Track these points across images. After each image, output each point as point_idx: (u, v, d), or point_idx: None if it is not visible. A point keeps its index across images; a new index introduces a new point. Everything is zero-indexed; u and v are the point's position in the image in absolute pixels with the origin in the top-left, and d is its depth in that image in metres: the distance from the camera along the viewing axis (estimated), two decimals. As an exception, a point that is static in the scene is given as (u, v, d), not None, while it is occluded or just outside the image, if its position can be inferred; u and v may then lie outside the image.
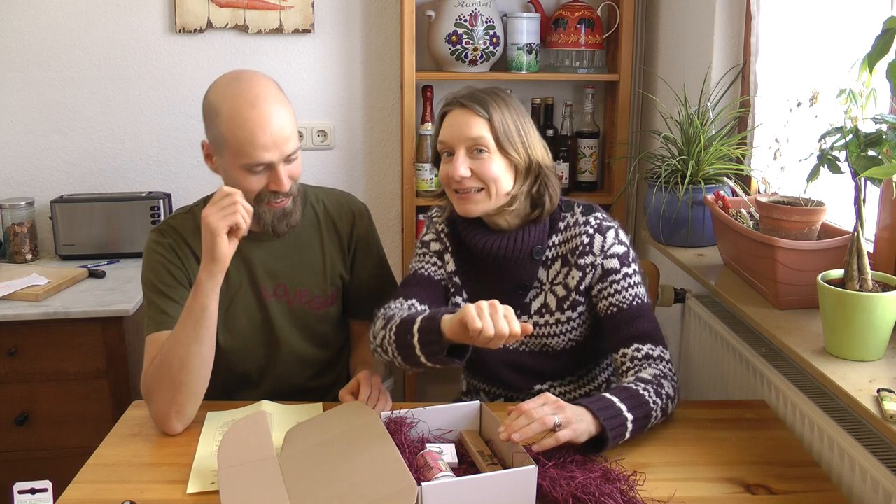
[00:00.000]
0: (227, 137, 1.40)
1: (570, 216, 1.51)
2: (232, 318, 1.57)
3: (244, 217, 1.34)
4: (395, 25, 2.57)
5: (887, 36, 1.09)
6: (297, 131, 1.47)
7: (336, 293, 1.64)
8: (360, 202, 1.71)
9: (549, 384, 1.57)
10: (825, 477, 1.27)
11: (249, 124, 1.38)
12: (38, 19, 2.47)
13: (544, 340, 1.52)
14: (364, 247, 1.66)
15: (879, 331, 1.25)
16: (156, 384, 1.39)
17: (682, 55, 2.29)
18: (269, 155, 1.40)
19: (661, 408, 1.34)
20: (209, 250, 1.34)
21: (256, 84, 1.43)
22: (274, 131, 1.40)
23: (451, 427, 1.31)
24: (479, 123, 1.42)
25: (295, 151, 1.46)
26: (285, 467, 1.22)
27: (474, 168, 1.42)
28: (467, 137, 1.43)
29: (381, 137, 2.69)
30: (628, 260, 1.47)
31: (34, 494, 1.15)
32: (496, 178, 1.43)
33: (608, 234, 1.48)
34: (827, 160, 1.27)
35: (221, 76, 1.48)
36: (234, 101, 1.40)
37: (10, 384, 2.12)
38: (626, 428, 1.27)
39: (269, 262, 1.58)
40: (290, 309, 1.60)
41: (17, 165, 2.56)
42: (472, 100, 1.44)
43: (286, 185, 1.45)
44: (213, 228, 1.33)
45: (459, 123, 1.44)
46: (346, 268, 1.65)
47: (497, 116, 1.43)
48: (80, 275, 2.29)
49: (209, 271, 1.36)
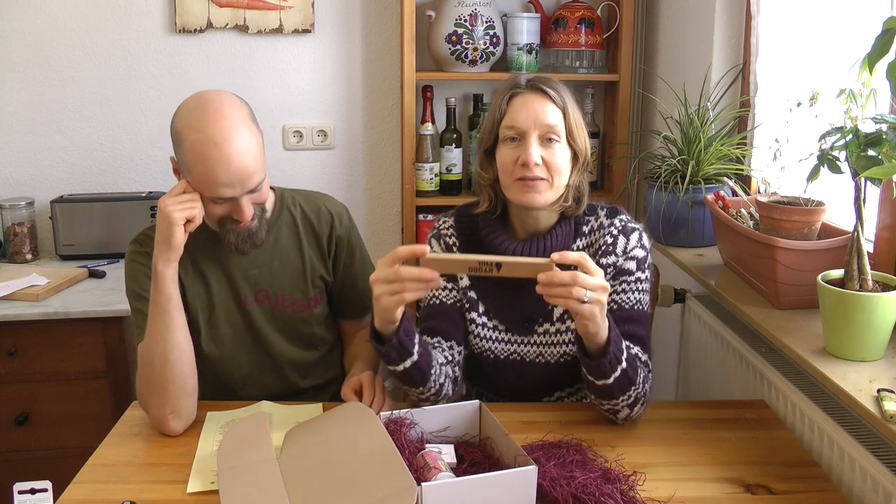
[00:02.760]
0: (189, 168, 1.40)
1: (594, 219, 1.49)
2: (214, 327, 1.57)
3: (201, 212, 1.40)
4: (395, 25, 2.57)
5: (887, 36, 1.09)
6: (264, 161, 1.45)
7: (319, 294, 1.64)
8: (338, 203, 1.69)
9: (558, 395, 1.55)
10: (825, 477, 1.27)
11: (211, 163, 1.37)
12: (38, 19, 2.47)
13: (564, 348, 1.48)
14: (345, 247, 1.65)
15: (879, 331, 1.25)
16: (146, 389, 1.40)
17: (682, 55, 2.29)
18: (230, 192, 1.41)
19: (636, 396, 1.34)
20: (166, 239, 1.38)
21: (222, 117, 1.39)
22: (236, 170, 1.38)
23: (450, 427, 1.31)
24: (555, 111, 1.39)
25: (259, 183, 1.44)
26: (285, 467, 1.22)
27: (544, 156, 1.38)
28: (543, 124, 1.38)
29: (381, 137, 2.68)
30: (644, 265, 1.46)
31: (34, 494, 1.15)
32: (562, 169, 1.39)
33: (632, 236, 1.46)
34: (827, 160, 1.27)
35: (189, 98, 1.45)
36: (199, 134, 1.37)
37: (10, 384, 2.12)
38: (614, 370, 1.28)
39: (249, 268, 1.58)
40: (272, 313, 1.60)
41: (17, 165, 2.55)
42: (543, 83, 1.40)
43: (248, 215, 1.45)
44: (174, 219, 1.37)
45: (536, 108, 1.38)
46: (328, 269, 1.64)
47: (570, 105, 1.41)
48: (80, 275, 2.29)
49: (165, 259, 1.39)
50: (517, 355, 1.49)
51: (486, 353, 1.50)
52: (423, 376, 1.35)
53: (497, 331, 1.49)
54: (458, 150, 2.52)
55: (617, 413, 1.36)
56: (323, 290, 1.64)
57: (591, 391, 1.35)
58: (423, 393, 1.38)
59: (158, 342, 1.39)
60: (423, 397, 1.39)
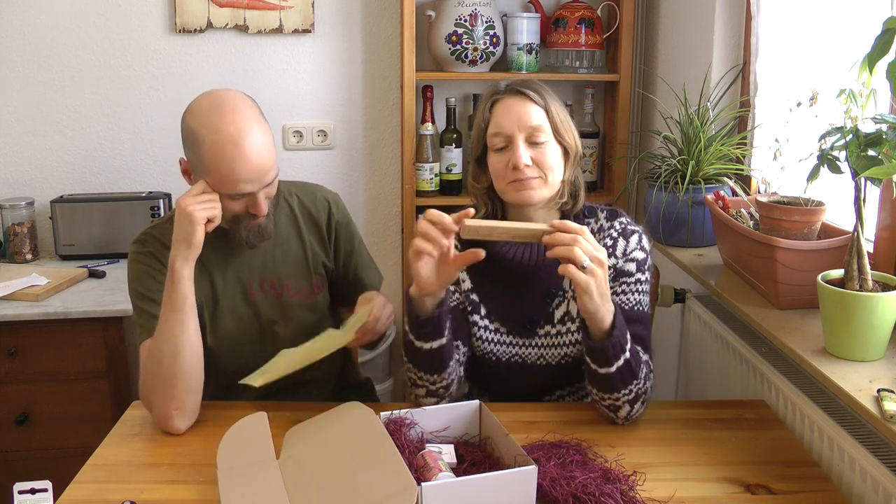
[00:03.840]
0: (208, 168, 1.41)
1: (594, 222, 1.49)
2: (218, 321, 1.58)
3: (220, 211, 1.42)
4: (395, 25, 2.57)
5: (887, 36, 1.09)
6: (275, 154, 1.48)
7: (321, 282, 1.66)
8: (331, 191, 1.72)
9: (559, 393, 1.56)
10: (825, 477, 1.27)
11: (233, 162, 1.39)
12: (38, 19, 2.47)
13: (565, 350, 1.48)
14: (344, 232, 1.68)
15: (879, 331, 1.25)
16: (152, 384, 1.40)
17: (682, 55, 2.29)
18: (249, 187, 1.43)
19: (637, 392, 1.34)
20: (186, 238, 1.39)
21: (239, 116, 1.41)
22: (255, 167, 1.41)
23: (450, 427, 1.31)
24: (538, 111, 1.40)
25: (275, 177, 1.48)
26: (285, 467, 1.22)
27: (534, 157, 1.39)
28: (528, 125, 1.39)
29: (381, 137, 2.69)
30: (644, 267, 1.46)
31: (34, 494, 1.15)
32: (553, 166, 1.40)
33: (632, 238, 1.47)
34: (827, 160, 1.27)
35: (200, 98, 1.45)
36: (217, 135, 1.39)
37: (10, 384, 2.12)
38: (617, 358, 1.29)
39: (253, 260, 1.59)
40: (279, 301, 1.61)
41: (17, 165, 2.56)
42: (525, 86, 1.41)
43: (265, 209, 1.48)
44: (195, 218, 1.38)
45: (518, 111, 1.40)
46: (329, 255, 1.66)
47: (552, 103, 1.41)
48: (80, 275, 2.29)
49: (184, 257, 1.40)
50: (519, 357, 1.49)
51: (488, 356, 1.50)
52: (443, 363, 1.37)
53: (499, 333, 1.50)
54: (458, 150, 2.52)
55: (617, 410, 1.36)
56: (324, 277, 1.66)
57: (592, 383, 1.36)
58: (435, 383, 1.39)
59: (169, 338, 1.39)
60: (434, 388, 1.40)
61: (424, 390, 1.41)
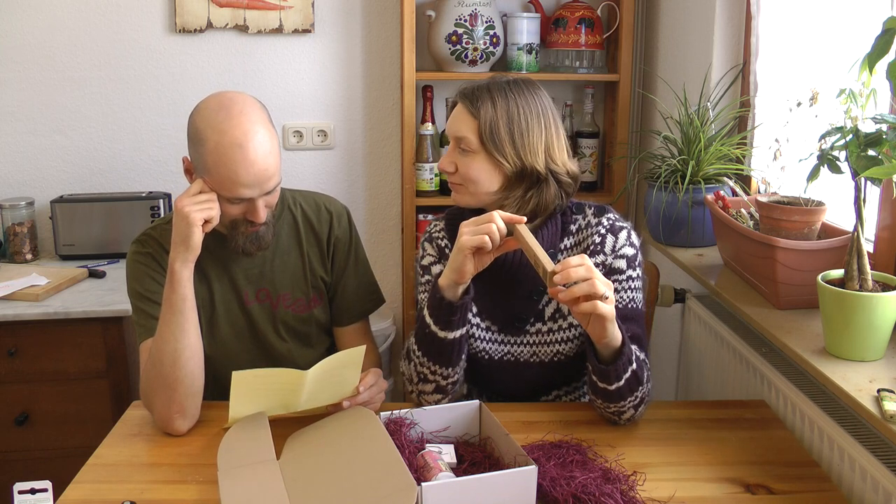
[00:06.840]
0: (210, 169, 1.40)
1: (581, 218, 1.48)
2: (215, 327, 1.58)
3: (218, 212, 1.41)
4: (395, 25, 2.57)
5: (887, 36, 1.09)
6: (280, 164, 1.46)
7: (318, 296, 1.63)
8: (339, 204, 1.68)
9: (556, 394, 1.56)
10: (825, 477, 1.27)
11: (234, 164, 1.38)
12: (38, 19, 2.47)
13: (557, 347, 1.48)
14: (343, 247, 1.64)
15: (879, 331, 1.25)
16: (152, 386, 1.39)
17: (682, 55, 2.29)
18: (249, 192, 1.41)
19: (641, 396, 1.35)
20: (184, 239, 1.38)
21: (246, 118, 1.40)
22: (258, 172, 1.40)
23: (450, 427, 1.31)
24: (467, 123, 1.40)
25: (276, 185, 1.46)
26: (285, 467, 1.22)
27: (458, 165, 1.42)
28: (455, 136, 1.42)
29: (381, 137, 2.69)
30: (635, 263, 1.46)
31: (34, 494, 1.15)
32: (474, 179, 1.41)
33: (620, 234, 1.46)
34: (827, 160, 1.27)
35: (210, 98, 1.44)
36: (222, 136, 1.38)
37: (10, 384, 2.12)
38: (625, 373, 1.29)
39: (250, 268, 1.58)
40: (273, 313, 1.60)
41: (17, 165, 2.56)
42: (470, 95, 1.42)
43: (263, 217, 1.46)
44: (192, 219, 1.37)
45: (454, 118, 1.43)
46: (327, 270, 1.64)
47: (488, 116, 1.38)
48: (80, 275, 2.29)
49: (183, 259, 1.39)
50: (511, 356, 1.49)
51: (480, 354, 1.50)
52: (458, 355, 1.39)
53: (490, 331, 1.50)
54: (458, 150, 2.52)
55: (622, 415, 1.36)
56: (323, 291, 1.64)
57: (597, 395, 1.35)
58: (448, 377, 1.40)
59: (170, 341, 1.38)
60: (445, 384, 1.40)
61: (433, 385, 1.41)
